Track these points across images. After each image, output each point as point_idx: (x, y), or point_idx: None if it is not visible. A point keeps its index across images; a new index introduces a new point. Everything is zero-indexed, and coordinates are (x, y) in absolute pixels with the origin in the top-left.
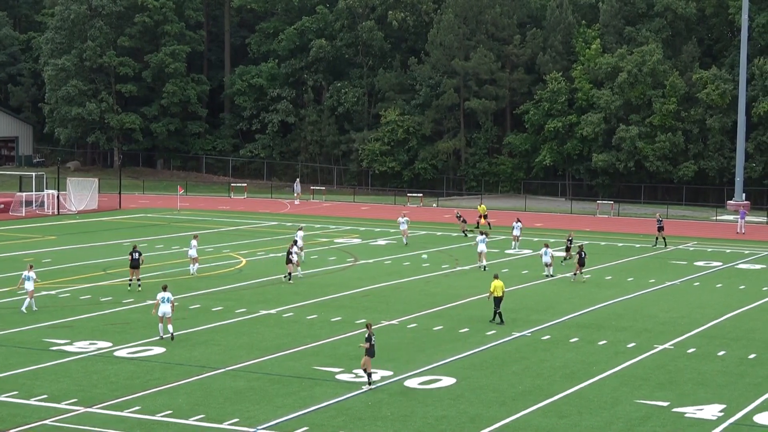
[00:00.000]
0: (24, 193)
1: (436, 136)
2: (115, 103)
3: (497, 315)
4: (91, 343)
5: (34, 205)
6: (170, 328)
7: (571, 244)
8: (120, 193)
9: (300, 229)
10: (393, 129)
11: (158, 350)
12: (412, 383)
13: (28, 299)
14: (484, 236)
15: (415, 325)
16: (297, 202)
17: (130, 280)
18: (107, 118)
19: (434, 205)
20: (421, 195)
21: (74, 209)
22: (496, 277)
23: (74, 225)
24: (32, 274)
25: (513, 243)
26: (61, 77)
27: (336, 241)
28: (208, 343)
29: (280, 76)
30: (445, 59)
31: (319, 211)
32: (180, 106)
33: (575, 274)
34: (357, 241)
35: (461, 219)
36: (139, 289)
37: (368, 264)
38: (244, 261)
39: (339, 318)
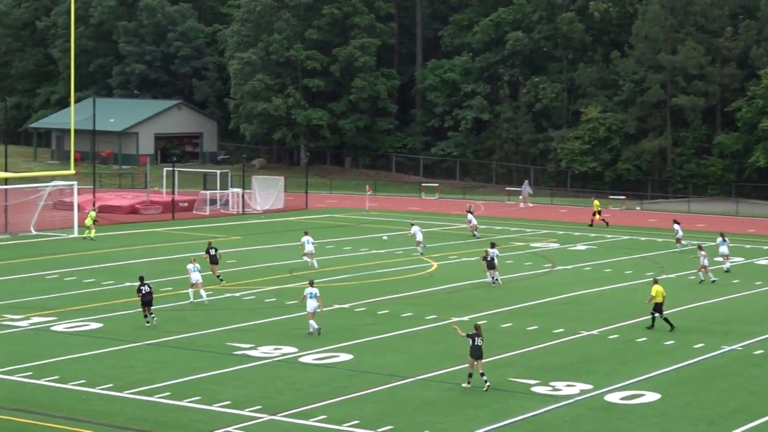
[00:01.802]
0: (208, 192)
1: (640, 134)
2: (302, 99)
3: (664, 321)
4: (275, 348)
5: (218, 203)
6: (314, 323)
7: None
8: (306, 192)
9: (413, 224)
10: (594, 127)
11: (345, 357)
12: (614, 398)
13: (199, 290)
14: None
15: (617, 336)
16: (523, 205)
17: (219, 276)
18: (294, 114)
19: (638, 208)
20: (623, 198)
21: (260, 208)
22: (656, 282)
23: (259, 225)
24: (198, 265)
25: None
26: (246, 71)
27: (532, 245)
28: (398, 350)
29: (475, 70)
30: (650, 53)
31: (517, 213)
32: (369, 101)
33: None
34: (555, 245)
35: (469, 211)
36: (222, 283)
37: (566, 270)
38: (435, 265)
39: (535, 327)
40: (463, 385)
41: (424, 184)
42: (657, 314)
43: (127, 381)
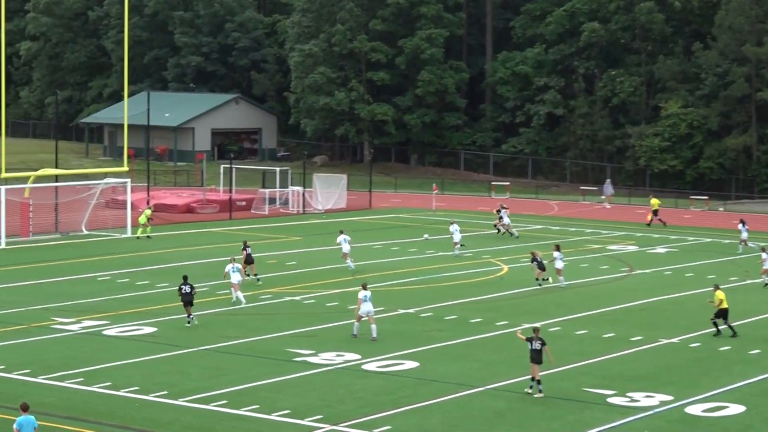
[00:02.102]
0: (267, 190)
1: (723, 131)
2: (365, 93)
3: (729, 328)
4: (337, 355)
5: (278, 202)
6: (374, 328)
7: None
8: (370, 191)
9: (453, 222)
10: (674, 123)
11: (410, 364)
12: (695, 410)
13: (235, 292)
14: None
15: (698, 344)
16: (609, 206)
17: (250, 275)
18: (357, 109)
19: (720, 209)
20: (706, 198)
21: (321, 208)
22: (717, 288)
23: (321, 225)
24: (238, 265)
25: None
26: (308, 64)
27: (609, 247)
28: (466, 357)
29: (548, 63)
30: (734, 44)
31: (593, 213)
32: (436, 95)
33: None
34: (633, 248)
35: (502, 209)
36: (259, 282)
37: (645, 274)
38: (505, 268)
39: (611, 334)
40: (526, 390)
41: (494, 183)
42: (719, 319)
43: (182, 388)
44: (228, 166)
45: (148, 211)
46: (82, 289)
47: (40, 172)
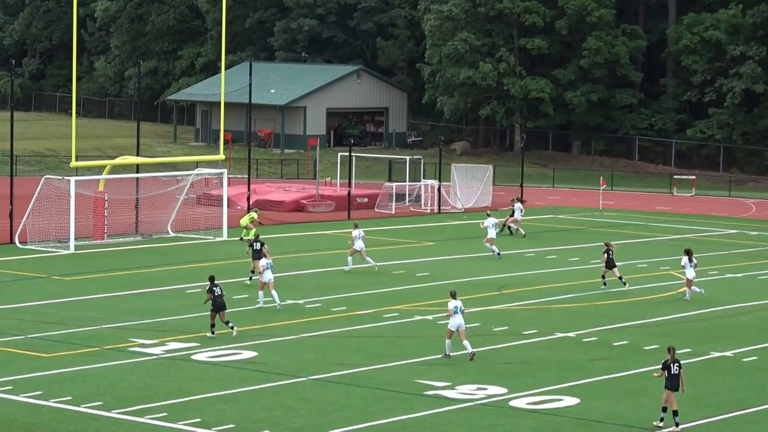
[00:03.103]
0: (394, 184)
1: None
2: (517, 64)
3: None
4: (479, 388)
5: (407, 199)
6: (468, 344)
7: None
8: (521, 186)
9: (489, 215)
10: None
11: (569, 401)
12: None
13: (271, 290)
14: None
15: None
16: None
17: (252, 271)
18: (507, 84)
19: None
20: None
21: (461, 206)
22: None
23: (460, 227)
24: (271, 261)
25: None
26: (446, 29)
27: None
28: (638, 394)
29: (746, 27)
30: None
31: None
32: (606, 68)
33: None
34: None
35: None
36: (248, 283)
37: None
38: None
39: None
40: (655, 423)
41: (676, 177)
42: None
43: (286, 426)
44: (347, 154)
45: (254, 214)
46: (167, 304)
47: (118, 161)
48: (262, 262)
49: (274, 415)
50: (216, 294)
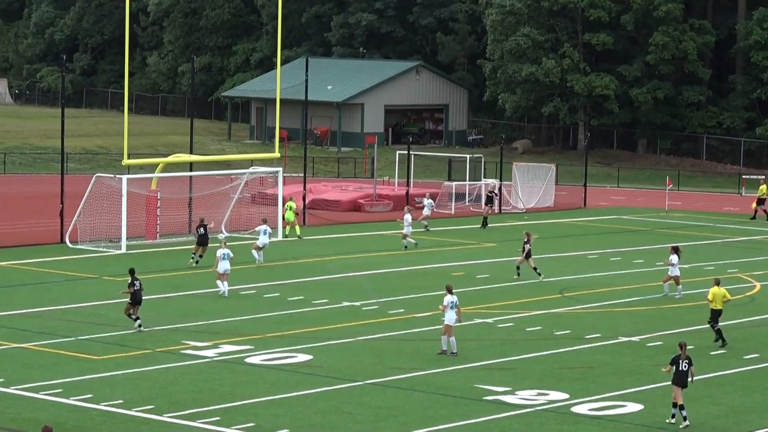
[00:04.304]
0: (454, 183)
1: None
2: (581, 60)
3: (715, 332)
4: (539, 393)
5: (467, 199)
6: (453, 341)
7: None
8: (585, 186)
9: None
10: None
11: (633, 407)
12: None
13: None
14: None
15: None
16: None
17: (193, 255)
18: (570, 81)
19: None
20: None
21: (522, 206)
22: (717, 283)
23: (522, 228)
24: (228, 251)
25: None
26: (508, 23)
27: None
28: (703, 400)
29: None
30: None
31: None
32: (673, 64)
33: None
34: None
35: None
36: (195, 265)
37: None
38: (758, 286)
39: None
40: (668, 421)
41: (744, 177)
42: (712, 323)
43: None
44: (405, 152)
45: (292, 203)
46: (220, 306)
47: (171, 159)
48: (219, 252)
49: (329, 420)
50: (135, 288)
